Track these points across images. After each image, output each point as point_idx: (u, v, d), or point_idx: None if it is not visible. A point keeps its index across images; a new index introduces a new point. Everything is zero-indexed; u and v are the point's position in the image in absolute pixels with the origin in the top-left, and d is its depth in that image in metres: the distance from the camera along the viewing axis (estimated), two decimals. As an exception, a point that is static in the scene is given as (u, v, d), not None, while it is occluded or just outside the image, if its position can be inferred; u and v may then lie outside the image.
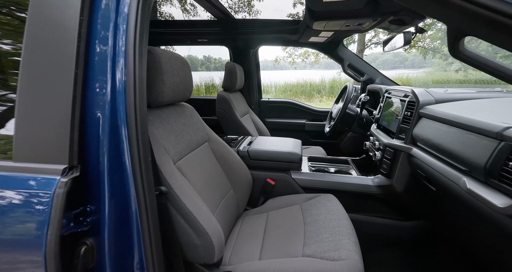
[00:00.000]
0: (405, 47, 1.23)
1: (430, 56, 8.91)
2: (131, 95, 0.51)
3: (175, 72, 0.84)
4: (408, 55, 32.14)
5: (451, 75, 10.85)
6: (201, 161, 0.98)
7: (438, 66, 14.24)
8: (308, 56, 9.78)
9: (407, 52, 9.85)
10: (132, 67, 0.51)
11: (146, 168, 0.55)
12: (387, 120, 1.25)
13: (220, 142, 1.13)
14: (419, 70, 19.60)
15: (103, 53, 0.50)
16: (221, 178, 1.06)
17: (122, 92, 0.51)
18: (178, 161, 0.83)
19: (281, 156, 1.23)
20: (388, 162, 1.10)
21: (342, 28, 1.39)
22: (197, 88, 10.27)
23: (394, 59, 50.16)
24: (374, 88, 1.67)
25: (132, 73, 0.51)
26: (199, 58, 56.52)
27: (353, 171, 1.36)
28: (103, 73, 0.50)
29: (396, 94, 1.21)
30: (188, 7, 9.38)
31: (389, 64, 47.96)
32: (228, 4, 9.47)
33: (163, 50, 0.81)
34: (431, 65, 17.24)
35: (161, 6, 9.22)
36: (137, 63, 0.52)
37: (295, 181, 1.24)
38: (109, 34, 0.50)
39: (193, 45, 2.14)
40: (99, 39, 0.50)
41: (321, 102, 9.51)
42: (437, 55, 8.98)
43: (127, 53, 0.51)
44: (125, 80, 0.51)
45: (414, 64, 35.46)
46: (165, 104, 0.86)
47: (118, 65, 0.51)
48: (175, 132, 0.87)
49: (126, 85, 0.51)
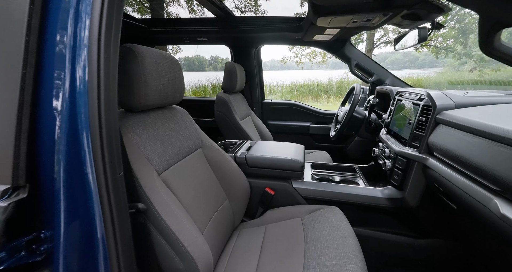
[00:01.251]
0: (417, 46, 1.12)
1: (443, 56, 8.59)
2: (95, 97, 0.43)
3: (162, 73, 0.76)
4: (418, 54, 31.36)
5: (464, 75, 10.45)
6: (193, 170, 0.89)
7: (450, 66, 13.79)
8: (315, 56, 9.62)
9: (418, 51, 9.54)
10: (96, 63, 0.43)
11: (115, 183, 0.47)
12: (398, 126, 1.13)
13: (215, 147, 1.04)
14: (430, 70, 19.07)
15: (60, 48, 0.42)
16: (215, 188, 0.97)
17: (83, 94, 0.42)
18: (164, 171, 0.75)
19: (282, 163, 1.14)
20: (400, 172, 0.99)
21: (349, 25, 1.29)
22: (203, 88, 10.27)
23: (404, 59, 49.15)
24: (383, 90, 1.56)
25: (95, 71, 0.43)
26: (206, 58, 56.97)
27: (360, 180, 1.25)
28: (60, 71, 0.42)
29: (409, 97, 1.10)
30: (195, 8, 9.37)
31: (398, 64, 47.04)
32: (235, 4, 9.41)
33: (147, 48, 0.73)
34: (443, 65, 16.74)
35: (168, 7, 9.25)
36: (103, 58, 0.43)
37: (296, 191, 1.14)
38: (68, 24, 0.42)
39: (193, 45, 2.07)
40: (55, 32, 0.42)
41: (328, 102, 9.37)
42: (450, 54, 8.64)
43: (90, 47, 0.42)
44: (88, 79, 0.42)
45: (425, 64, 34.58)
46: (151, 108, 0.78)
47: (79, 62, 0.42)
48: (162, 139, 0.79)
49: (89, 85, 0.42)
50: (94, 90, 0.43)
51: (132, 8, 8.41)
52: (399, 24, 1.15)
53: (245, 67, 1.99)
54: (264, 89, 2.25)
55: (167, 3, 8.91)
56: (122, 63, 0.67)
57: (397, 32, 9.23)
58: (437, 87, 9.91)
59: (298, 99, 9.96)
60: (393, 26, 9.40)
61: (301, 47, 9.45)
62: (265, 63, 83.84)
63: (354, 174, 1.32)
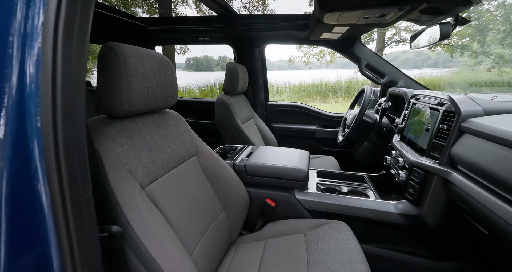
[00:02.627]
0: (439, 43, 0.99)
1: (458, 55, 8.24)
2: (48, 100, 0.35)
3: (150, 75, 0.69)
4: (431, 54, 30.46)
5: (480, 75, 10.01)
6: (185, 180, 0.82)
7: (465, 66, 13.29)
8: (323, 56, 9.44)
9: (432, 50, 9.21)
10: (51, 56, 0.35)
11: (77, 206, 0.39)
12: (413, 132, 1.02)
13: (211, 155, 0.96)
14: (444, 69, 18.47)
15: (5, 38, 0.34)
16: (211, 199, 0.89)
17: (34, 95, 0.34)
18: (150, 184, 0.68)
19: (284, 172, 1.05)
20: (416, 185, 0.88)
21: (360, 22, 1.18)
22: (211, 88, 10.27)
23: (416, 58, 47.90)
24: (396, 92, 1.44)
25: (50, 66, 0.35)
26: (214, 58, 57.43)
27: (370, 191, 1.14)
28: (3, 67, 0.34)
29: (427, 101, 0.98)
30: (203, 8, 9.36)
31: (410, 64, 45.88)
32: (242, 4, 9.34)
33: (133, 47, 0.66)
34: (457, 64, 16.16)
35: (177, 7, 9.28)
36: (60, 50, 0.35)
37: (299, 203, 1.05)
38: (17, 9, 0.34)
39: (195, 44, 2.00)
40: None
41: (336, 103, 9.19)
42: (465, 53, 8.27)
43: (44, 37, 0.34)
44: (41, 76, 0.35)
45: (438, 63, 33.53)
46: (137, 113, 0.71)
47: (29, 55, 0.34)
48: (150, 147, 0.71)
49: (42, 83, 0.35)
50: (48, 89, 0.35)
51: (141, 9, 8.48)
52: (416, 20, 1.03)
53: (248, 67, 1.90)
54: (271, 89, 2.16)
55: (176, 3, 8.94)
56: (103, 64, 0.60)
57: (410, 30, 8.94)
58: (451, 88, 9.54)
59: (306, 99, 9.83)
60: (405, 24, 9.12)
61: (309, 46, 9.30)
62: (273, 63, 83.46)
63: (364, 184, 1.21)
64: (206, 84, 10.56)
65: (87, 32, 0.40)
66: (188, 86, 10.82)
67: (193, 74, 8.60)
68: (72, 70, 0.37)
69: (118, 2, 7.97)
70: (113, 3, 7.92)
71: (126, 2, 7.87)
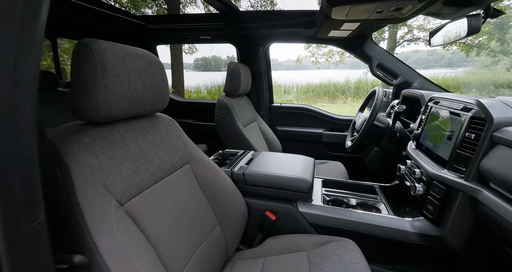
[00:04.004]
0: (465, 40, 0.87)
1: (474, 54, 7.88)
2: None
3: (135, 76, 0.61)
4: (445, 53, 29.50)
5: (498, 75, 9.55)
6: (176, 192, 0.74)
7: (481, 65, 12.77)
8: (332, 55, 9.25)
9: (446, 49, 8.85)
10: None
11: (18, 237, 0.32)
12: (432, 140, 0.91)
13: (206, 163, 0.88)
14: (458, 69, 17.84)
15: None
16: (204, 212, 0.81)
17: None
18: (132, 198, 0.60)
19: (286, 182, 0.95)
20: (437, 202, 0.77)
21: (372, 17, 1.07)
22: (218, 88, 10.27)
23: (429, 58, 46.60)
24: (411, 95, 1.32)
25: None
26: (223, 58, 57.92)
27: (382, 205, 1.02)
28: None
29: (448, 105, 0.87)
30: (212, 8, 9.33)
31: (422, 64, 44.69)
32: (250, 3, 9.26)
33: (114, 44, 0.58)
34: (473, 64, 15.57)
35: (185, 7, 9.29)
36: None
37: (302, 216, 0.96)
38: None
39: (196, 43, 1.93)
40: None
41: (345, 103, 9.02)
42: (482, 52, 7.90)
43: None
44: None
45: (452, 63, 32.44)
46: (119, 119, 0.63)
47: None
48: (134, 157, 0.64)
49: None
50: None
51: (151, 11, 8.54)
52: (437, 13, 0.91)
53: (252, 67, 1.81)
54: (279, 90, 2.07)
55: (184, 4, 8.95)
56: (76, 64, 0.53)
57: (424, 29, 8.63)
58: (466, 88, 9.16)
59: (314, 100, 9.68)
60: (418, 23, 8.82)
61: (318, 46, 9.14)
62: (281, 63, 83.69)
63: (375, 196, 1.10)
64: (214, 84, 10.58)
65: (39, 18, 0.32)
66: (196, 86, 10.87)
67: (202, 74, 8.65)
68: (5, 66, 0.29)
69: (128, 3, 8.06)
70: (124, 5, 8.01)
71: (136, 3, 7.94)
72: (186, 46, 9.99)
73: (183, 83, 6.77)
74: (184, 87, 7.30)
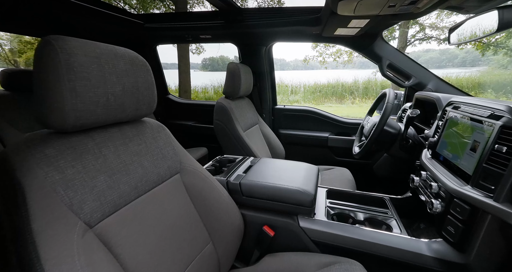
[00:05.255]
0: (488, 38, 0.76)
1: (491, 53, 7.53)
2: None
3: (112, 78, 0.54)
4: (458, 52, 28.59)
5: (516, 75, 9.13)
6: (161, 206, 0.66)
7: (498, 64, 12.25)
8: (340, 55, 9.06)
9: (460, 48, 8.51)
10: None
11: None
12: (451, 150, 0.80)
13: (198, 172, 0.80)
14: (472, 69, 17.22)
15: None
16: (195, 228, 0.74)
17: None
18: (106, 218, 0.53)
19: (286, 194, 0.87)
20: (459, 224, 0.67)
21: (383, 12, 0.97)
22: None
23: (441, 57, 45.32)
24: (426, 98, 1.21)
25: None
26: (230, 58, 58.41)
27: (393, 221, 0.92)
28: None
29: (471, 111, 0.76)
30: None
31: (434, 63, 43.49)
32: (258, 3, 9.17)
33: (85, 42, 0.51)
34: (488, 63, 14.98)
35: (193, 8, 9.30)
36: None
37: (304, 232, 0.87)
38: None
39: (196, 43, 1.86)
40: None
41: (353, 104, 8.85)
42: (500, 51, 7.53)
43: None
44: None
45: (466, 62, 31.38)
46: (94, 126, 0.56)
47: None
48: (111, 169, 0.57)
49: None
50: None
51: (159, 11, 8.58)
52: (459, 7, 0.81)
53: (254, 68, 1.73)
54: (286, 90, 1.98)
55: (192, 4, 8.96)
56: (38, 64, 0.46)
57: (436, 27, 8.32)
58: (481, 89, 8.80)
59: (321, 100, 9.54)
60: (431, 21, 8.52)
61: (325, 45, 8.97)
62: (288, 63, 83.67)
63: (385, 210, 0.99)
64: (221, 84, 10.58)
65: None
66: (203, 86, 10.89)
67: (209, 74, 8.71)
68: None
69: (138, 4, 8.12)
70: (133, 6, 8.07)
71: (145, 4, 8.00)
72: (193, 46, 10.02)
73: (190, 83, 6.80)
74: (191, 87, 7.32)
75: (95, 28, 1.57)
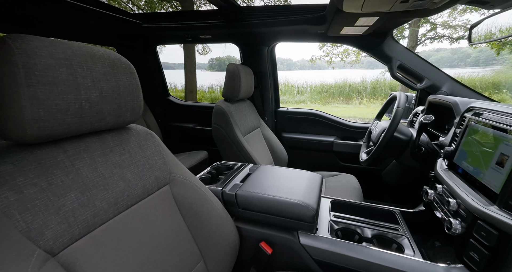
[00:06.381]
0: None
1: (507, 51, 7.21)
2: None
3: (87, 82, 0.48)
4: (471, 51, 27.70)
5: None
6: (146, 222, 0.60)
7: (512, 63, 11.82)
8: (347, 55, 8.90)
9: (474, 47, 8.20)
10: None
11: None
12: (472, 162, 0.71)
13: (190, 182, 0.74)
14: (486, 68, 16.68)
15: None
16: (184, 245, 0.67)
17: None
18: (75, 242, 0.47)
19: (285, 208, 0.80)
20: (485, 251, 0.58)
21: (394, 9, 0.88)
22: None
23: (452, 57, 44.14)
24: (441, 102, 1.11)
25: None
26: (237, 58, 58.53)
27: (405, 239, 0.83)
28: None
29: (496, 119, 0.67)
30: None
31: (445, 63, 42.41)
32: (264, 3, 9.09)
33: (52, 41, 0.45)
34: (503, 62, 14.46)
35: (200, 8, 9.31)
36: None
37: (305, 250, 0.79)
38: None
39: (196, 43, 1.81)
40: None
41: (360, 104, 8.69)
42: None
43: None
44: None
45: (479, 62, 30.41)
46: (65, 137, 0.50)
47: None
48: (85, 184, 0.50)
49: None
50: None
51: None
52: (483, 1, 0.72)
53: (256, 69, 1.66)
54: (292, 90, 1.90)
55: (199, 5, 8.98)
56: None
57: (449, 26, 8.04)
58: (496, 89, 8.47)
59: (328, 100, 9.40)
60: (442, 19, 8.24)
61: (332, 45, 8.82)
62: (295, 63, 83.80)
63: (396, 226, 0.90)
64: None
65: None
66: (210, 86, 10.92)
67: (216, 74, 8.72)
68: None
69: (145, 5, 8.18)
70: (141, 7, 8.14)
71: (152, 5, 8.05)
72: (200, 47, 10.05)
73: (196, 83, 6.82)
74: (197, 87, 7.34)
75: (91, 28, 1.53)
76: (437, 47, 57.20)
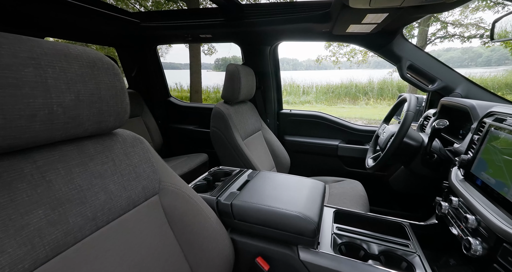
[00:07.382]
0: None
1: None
2: None
3: (60, 84, 0.43)
4: (482, 50, 26.94)
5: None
6: (131, 237, 0.55)
7: (527, 63, 11.40)
8: (354, 55, 8.75)
9: (486, 46, 7.94)
10: None
11: None
12: (494, 174, 0.64)
13: (181, 192, 0.68)
14: (498, 68, 16.19)
15: None
16: (173, 260, 0.62)
17: None
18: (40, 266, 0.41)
19: (283, 221, 0.73)
20: None
21: (405, 4, 0.81)
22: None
23: (462, 56, 43.11)
24: (455, 105, 1.03)
25: None
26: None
27: (416, 258, 0.76)
28: None
29: None
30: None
31: (455, 63, 41.46)
32: (269, 1, 9.03)
33: (18, 38, 0.40)
34: (517, 62, 13.99)
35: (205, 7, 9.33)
36: None
37: (305, 267, 0.73)
38: None
39: (196, 43, 1.76)
40: None
41: (367, 105, 8.55)
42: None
43: None
44: None
45: (491, 62, 29.57)
46: (33, 146, 0.45)
47: None
48: (57, 199, 0.45)
49: None
50: None
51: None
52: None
53: (258, 69, 1.60)
54: (297, 90, 1.83)
55: (205, 5, 8.99)
56: None
57: (460, 24, 7.80)
58: (509, 90, 8.18)
59: (334, 101, 9.27)
60: (453, 17, 8.00)
61: (339, 45, 8.68)
62: (301, 63, 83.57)
63: (405, 241, 0.82)
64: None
65: None
66: (215, 86, 10.92)
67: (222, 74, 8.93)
68: None
69: (152, 6, 8.22)
70: (148, 7, 8.17)
71: (159, 5, 8.08)
72: (206, 47, 10.06)
73: (201, 83, 6.84)
74: (203, 87, 7.36)
75: (89, 27, 1.50)
76: (447, 46, 56.03)
